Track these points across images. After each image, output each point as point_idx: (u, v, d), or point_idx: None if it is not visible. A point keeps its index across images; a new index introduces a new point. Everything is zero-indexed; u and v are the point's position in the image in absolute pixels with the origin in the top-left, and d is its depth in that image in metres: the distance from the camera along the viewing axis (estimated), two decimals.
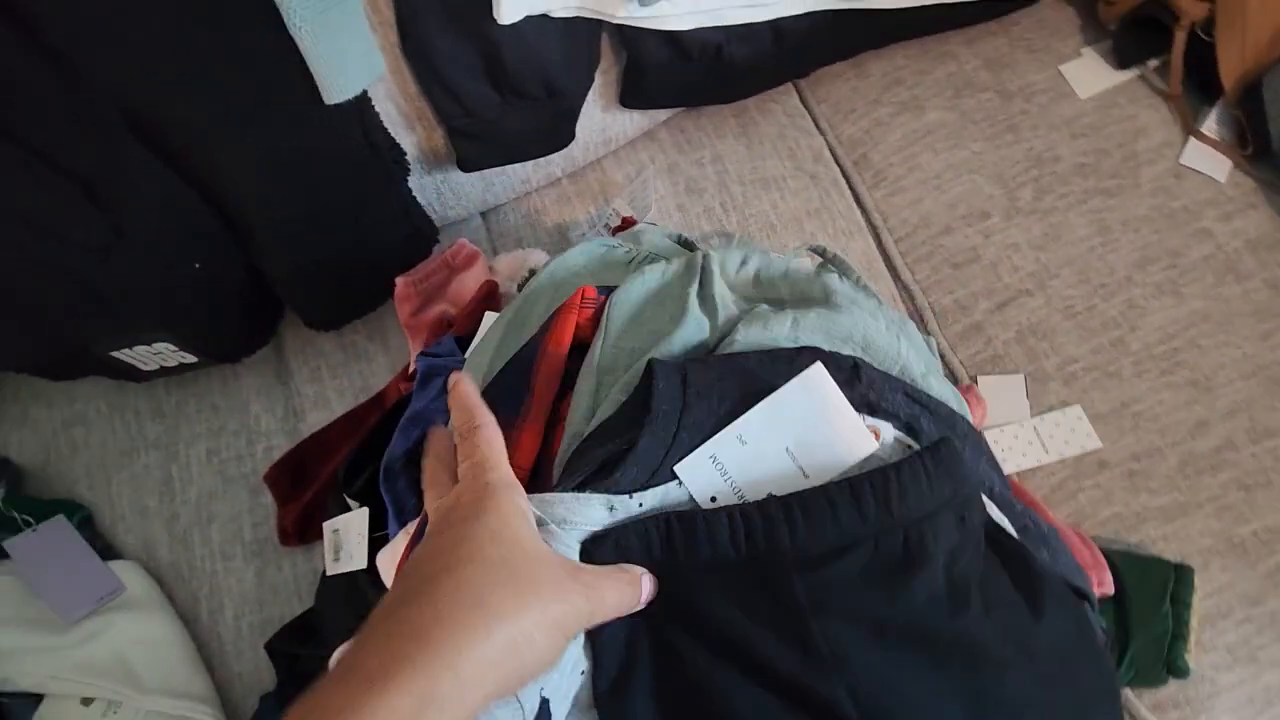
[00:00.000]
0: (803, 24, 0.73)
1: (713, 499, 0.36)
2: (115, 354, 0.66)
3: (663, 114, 0.85)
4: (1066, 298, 0.77)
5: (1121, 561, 0.64)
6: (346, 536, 0.60)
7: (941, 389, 0.46)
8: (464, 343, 0.53)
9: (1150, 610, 0.62)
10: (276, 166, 0.57)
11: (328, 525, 0.63)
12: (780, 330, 0.41)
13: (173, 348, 0.66)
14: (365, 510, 0.57)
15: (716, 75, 0.76)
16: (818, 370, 0.37)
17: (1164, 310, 0.75)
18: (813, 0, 0.72)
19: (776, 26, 0.72)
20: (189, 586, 0.72)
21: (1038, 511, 0.68)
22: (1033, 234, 0.79)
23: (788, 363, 0.38)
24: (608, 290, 0.43)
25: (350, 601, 0.62)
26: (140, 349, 0.66)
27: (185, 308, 0.62)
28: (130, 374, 0.71)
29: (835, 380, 0.37)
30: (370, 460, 0.59)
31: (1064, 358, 0.75)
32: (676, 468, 0.36)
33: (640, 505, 0.36)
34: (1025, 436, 0.73)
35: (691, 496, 0.36)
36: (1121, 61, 0.85)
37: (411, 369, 0.71)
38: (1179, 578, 0.63)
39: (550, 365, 0.41)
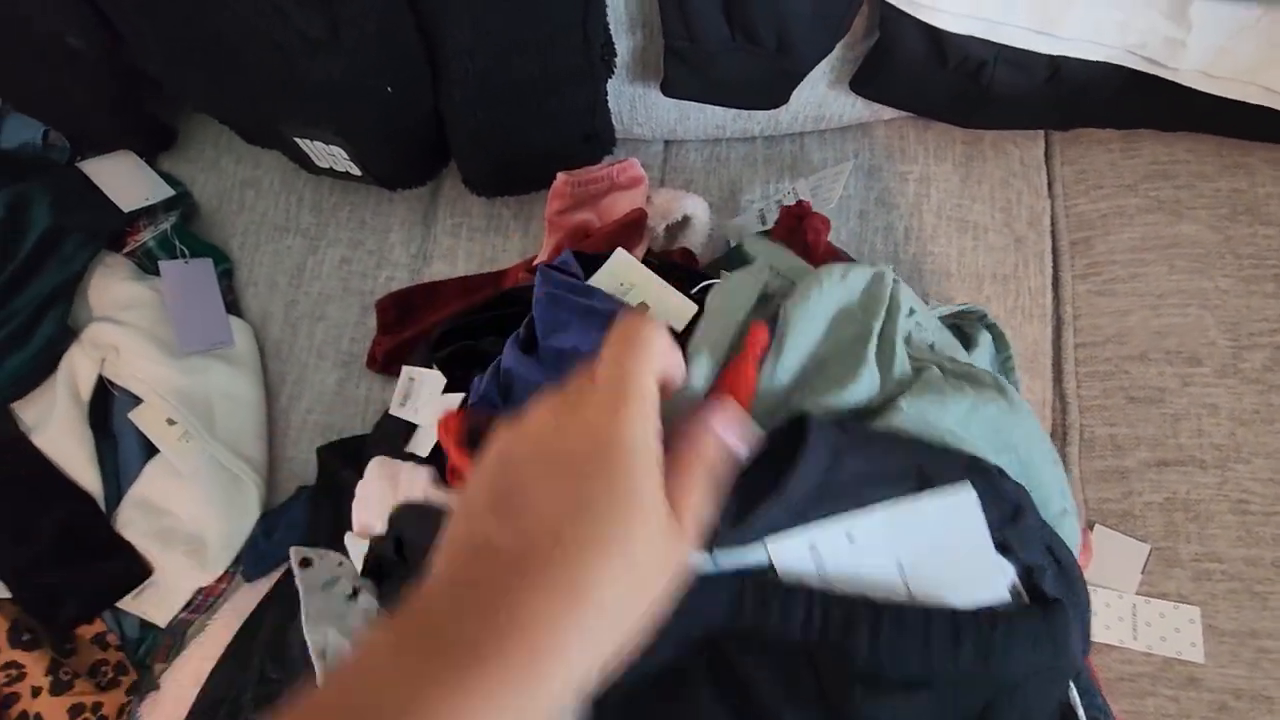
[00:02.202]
0: (1090, 73, 0.63)
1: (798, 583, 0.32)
2: (298, 140, 0.71)
3: (888, 112, 0.77)
4: (1245, 490, 0.65)
5: None
6: (418, 389, 0.63)
7: (1072, 534, 0.40)
8: (591, 261, 0.51)
9: None
10: (493, 22, 0.57)
11: (407, 370, 0.65)
12: (955, 411, 0.36)
13: (344, 155, 0.70)
14: (442, 377, 0.59)
15: (967, 93, 0.67)
16: (969, 498, 0.32)
17: None
18: (1114, 48, 0.61)
19: (1057, 64, 0.63)
20: (282, 367, 0.79)
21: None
22: (1241, 404, 0.67)
23: (956, 475, 0.33)
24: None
25: (398, 447, 0.65)
26: (319, 145, 0.70)
27: (366, 123, 0.65)
28: (305, 163, 0.76)
29: (990, 513, 0.32)
30: (462, 338, 0.60)
31: (1207, 551, 0.64)
32: (769, 544, 0.32)
33: (715, 565, 0.32)
34: (1119, 610, 0.64)
35: (772, 567, 0.32)
36: None
37: (536, 261, 0.71)
38: None
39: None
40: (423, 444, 0.58)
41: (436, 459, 0.54)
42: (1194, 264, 0.72)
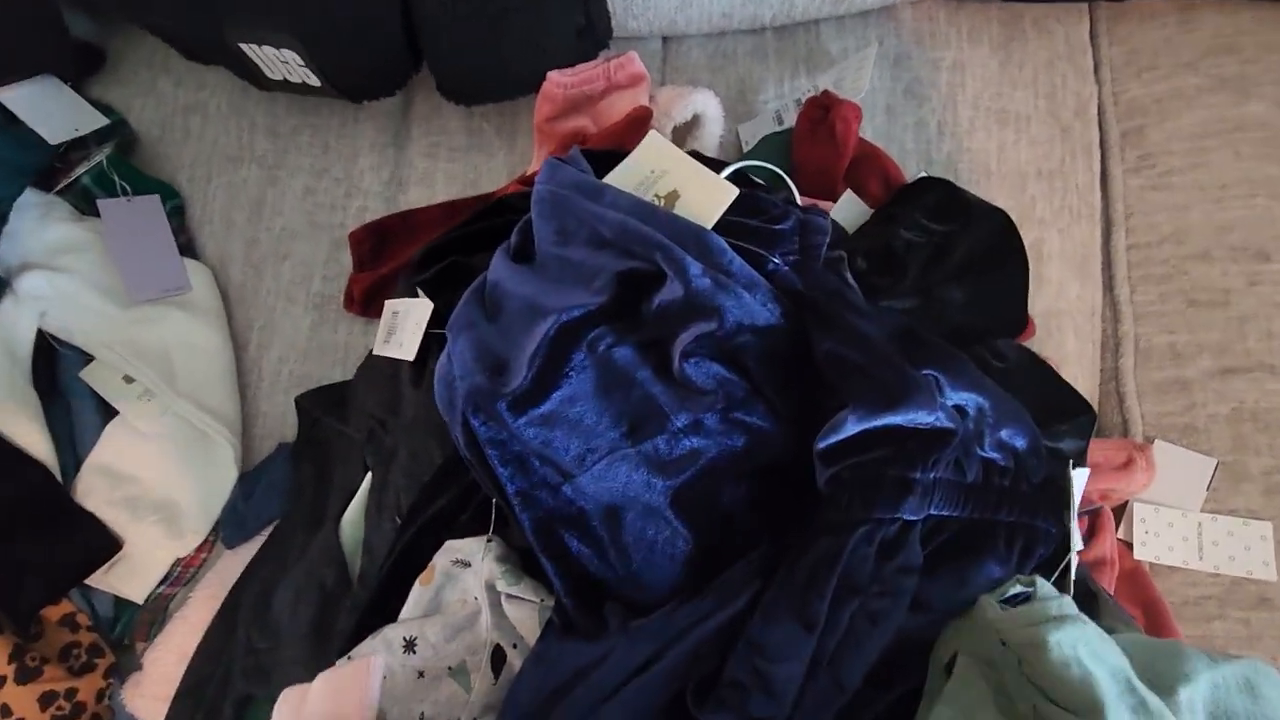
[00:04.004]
0: None
1: None
2: (244, 47, 0.61)
3: None
4: None
5: None
6: (403, 322, 0.55)
7: None
8: (595, 158, 0.43)
9: None
10: None
11: (390, 304, 0.58)
12: None
13: (299, 60, 0.60)
14: (430, 304, 0.52)
15: None
16: None
17: None
18: None
19: None
20: (247, 313, 0.71)
21: (1160, 618, 0.56)
22: None
23: None
24: None
25: (385, 388, 0.58)
26: (268, 50, 0.61)
27: (322, 17, 0.55)
28: (254, 77, 0.66)
29: None
30: (451, 252, 0.52)
31: (1279, 464, 0.59)
32: None
33: None
34: (1183, 530, 0.59)
35: None
36: None
37: (531, 171, 0.63)
38: None
39: None
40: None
41: None
42: (1262, 148, 0.65)
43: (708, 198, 0.37)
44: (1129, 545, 0.59)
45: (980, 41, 0.69)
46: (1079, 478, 0.40)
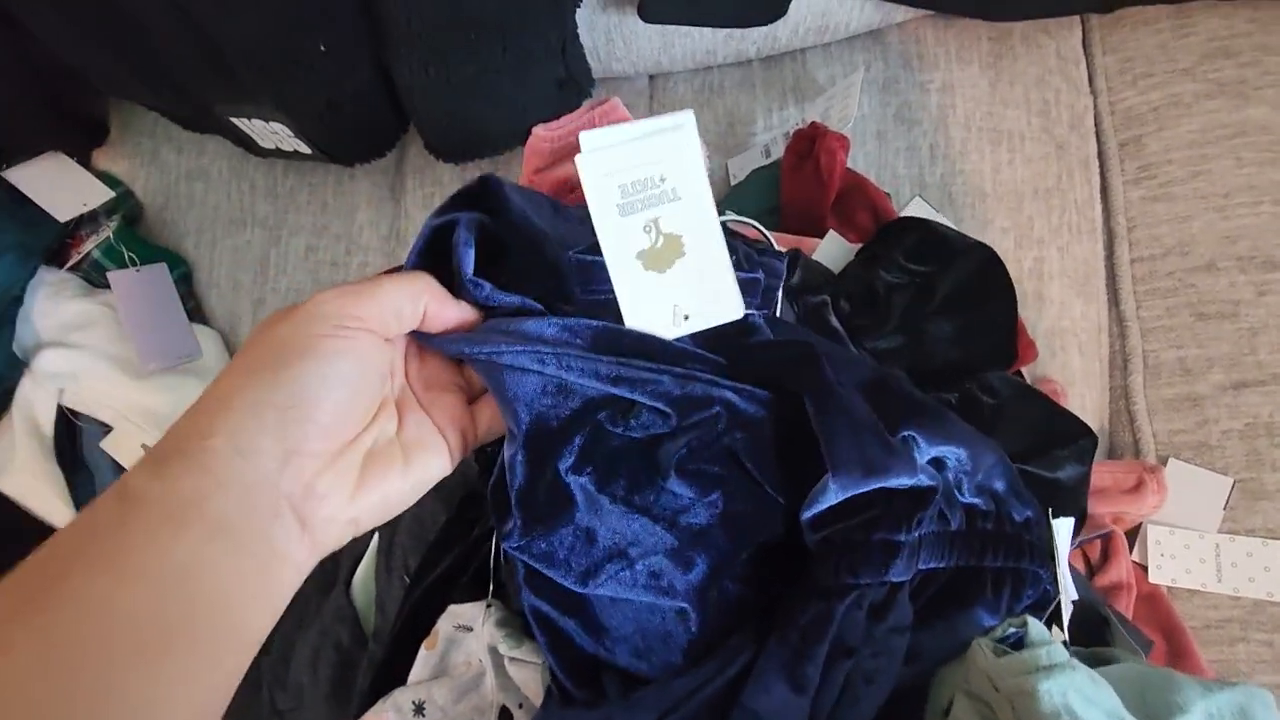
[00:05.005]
0: None
1: None
2: (235, 121, 0.62)
3: (901, 12, 0.67)
4: None
5: None
6: None
7: None
8: None
9: None
10: None
11: None
12: None
13: (288, 132, 0.62)
14: None
15: None
16: None
17: None
18: None
19: None
20: None
21: (1180, 641, 0.55)
22: None
23: None
24: None
25: None
26: (258, 123, 0.62)
27: (302, 92, 0.56)
28: (249, 146, 0.68)
29: None
30: None
31: None
32: None
33: None
34: (1200, 551, 0.58)
35: None
36: None
37: None
38: None
39: None
40: None
41: None
42: (1264, 153, 0.63)
43: (711, 298, 0.32)
44: (1145, 568, 0.58)
45: (969, 61, 0.68)
46: (1063, 527, 0.40)
